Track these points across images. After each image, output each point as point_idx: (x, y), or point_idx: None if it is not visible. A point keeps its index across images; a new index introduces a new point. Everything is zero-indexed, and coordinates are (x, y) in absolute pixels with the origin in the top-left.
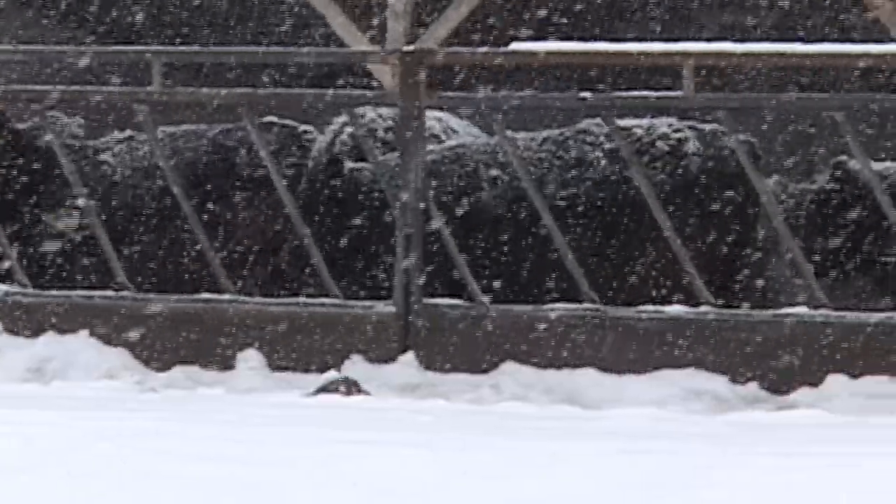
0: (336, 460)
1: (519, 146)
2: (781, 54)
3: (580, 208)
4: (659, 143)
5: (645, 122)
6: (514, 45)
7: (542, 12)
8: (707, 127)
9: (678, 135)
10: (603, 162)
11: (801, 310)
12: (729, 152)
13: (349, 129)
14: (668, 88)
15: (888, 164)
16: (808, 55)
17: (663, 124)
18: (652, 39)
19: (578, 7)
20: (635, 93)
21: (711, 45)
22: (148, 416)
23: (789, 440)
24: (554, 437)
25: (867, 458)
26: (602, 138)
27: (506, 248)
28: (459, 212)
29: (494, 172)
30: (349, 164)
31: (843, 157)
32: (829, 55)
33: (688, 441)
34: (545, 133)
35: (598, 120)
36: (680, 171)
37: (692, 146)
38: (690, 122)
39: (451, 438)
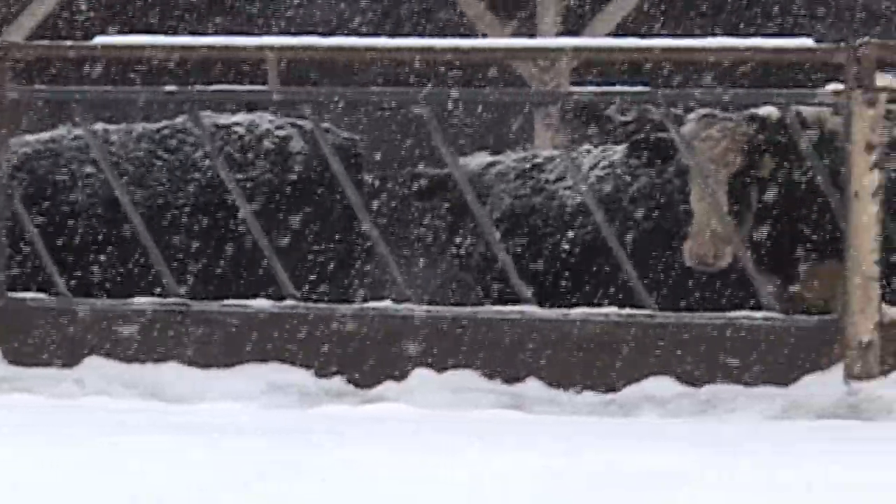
0: None
1: (112, 141)
2: (367, 48)
3: (176, 204)
4: (265, 142)
5: (244, 118)
6: (99, 39)
7: (134, 8)
8: (310, 125)
9: (281, 132)
10: (199, 158)
11: (386, 304)
12: (333, 150)
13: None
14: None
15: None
16: (394, 49)
17: (264, 121)
18: (243, 33)
19: (174, 2)
20: (220, 87)
21: (294, 39)
22: None
23: (374, 433)
24: (139, 430)
25: (450, 455)
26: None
27: (98, 244)
28: (50, 207)
29: (88, 167)
30: None
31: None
32: (415, 49)
33: (273, 435)
34: (140, 128)
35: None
36: (286, 169)
37: (296, 144)
38: (293, 120)
39: (34, 434)
